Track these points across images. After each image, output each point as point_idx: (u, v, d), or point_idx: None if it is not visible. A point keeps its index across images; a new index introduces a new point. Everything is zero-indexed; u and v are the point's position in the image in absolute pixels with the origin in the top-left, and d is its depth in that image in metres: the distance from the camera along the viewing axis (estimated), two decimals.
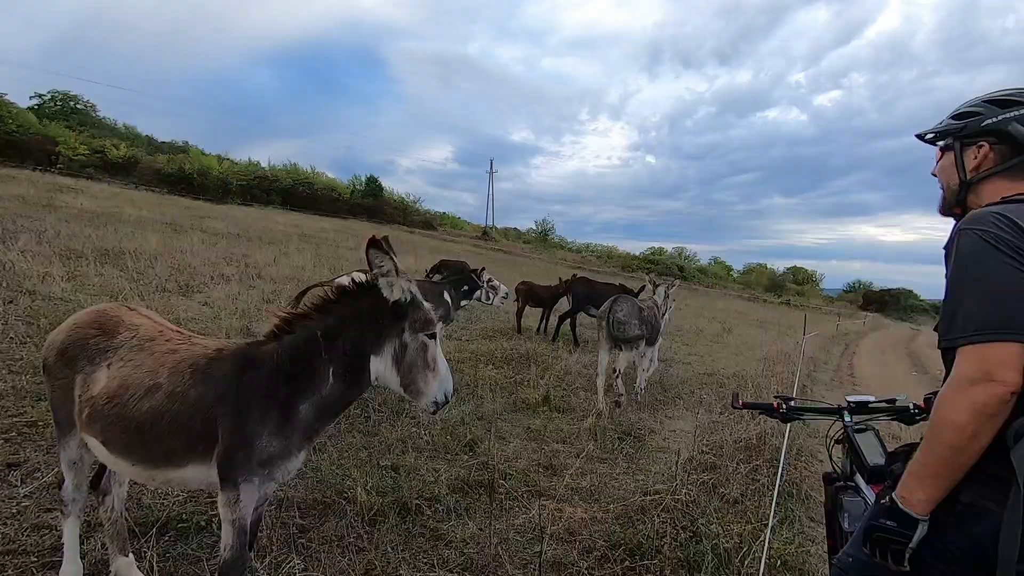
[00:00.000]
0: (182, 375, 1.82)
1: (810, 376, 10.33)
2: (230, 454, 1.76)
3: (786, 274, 77.53)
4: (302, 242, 18.73)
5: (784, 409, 2.08)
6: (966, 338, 1.16)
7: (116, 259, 9.25)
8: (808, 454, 5.26)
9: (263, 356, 1.85)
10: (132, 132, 47.84)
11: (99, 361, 1.89)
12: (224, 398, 1.79)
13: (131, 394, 1.80)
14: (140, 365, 1.86)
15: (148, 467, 1.86)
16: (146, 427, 1.79)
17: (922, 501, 1.19)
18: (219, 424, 1.78)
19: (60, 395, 1.96)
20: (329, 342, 1.83)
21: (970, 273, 1.20)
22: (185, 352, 1.90)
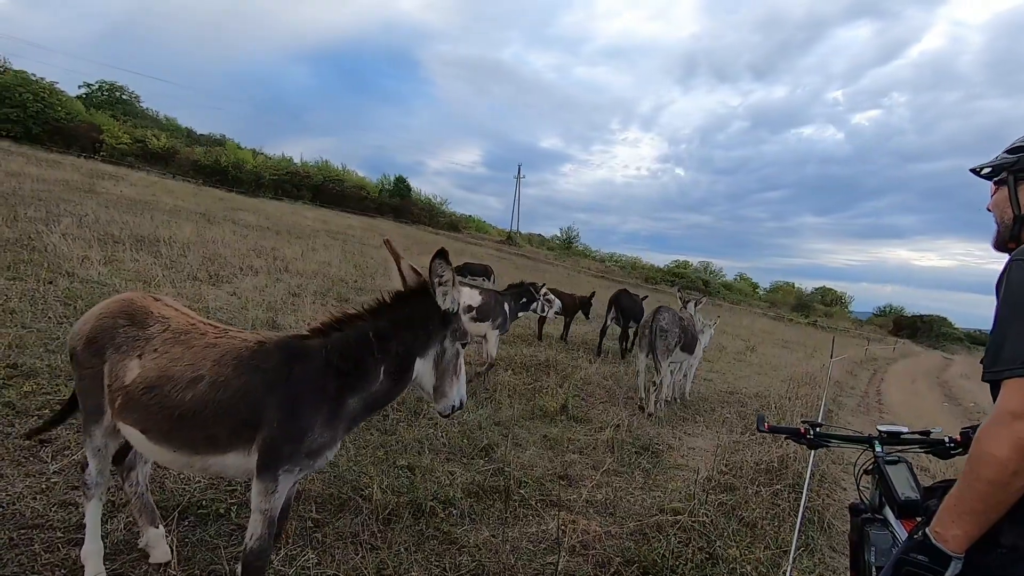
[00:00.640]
0: (225, 366, 1.87)
1: (836, 401, 10.07)
2: (277, 444, 1.81)
3: (814, 294, 75.77)
4: (329, 238, 19.01)
5: (811, 435, 2.02)
6: (1011, 371, 1.12)
7: (151, 246, 9.52)
8: (832, 481, 5.12)
9: (311, 350, 1.91)
10: (173, 123, 49.28)
11: (129, 351, 1.92)
12: (273, 388, 1.84)
13: (173, 385, 1.84)
14: (179, 358, 1.90)
15: (189, 454, 1.90)
16: (189, 416, 1.83)
17: (957, 537, 1.14)
18: (266, 413, 1.82)
19: (89, 383, 1.98)
20: (382, 342, 1.93)
21: (1019, 306, 1.17)
22: (225, 345, 1.94)
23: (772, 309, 56.14)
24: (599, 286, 22.76)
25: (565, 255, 54.78)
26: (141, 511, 2.22)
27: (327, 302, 8.78)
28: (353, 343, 1.91)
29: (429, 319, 1.98)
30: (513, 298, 6.99)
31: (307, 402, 1.85)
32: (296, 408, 1.83)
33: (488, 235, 56.34)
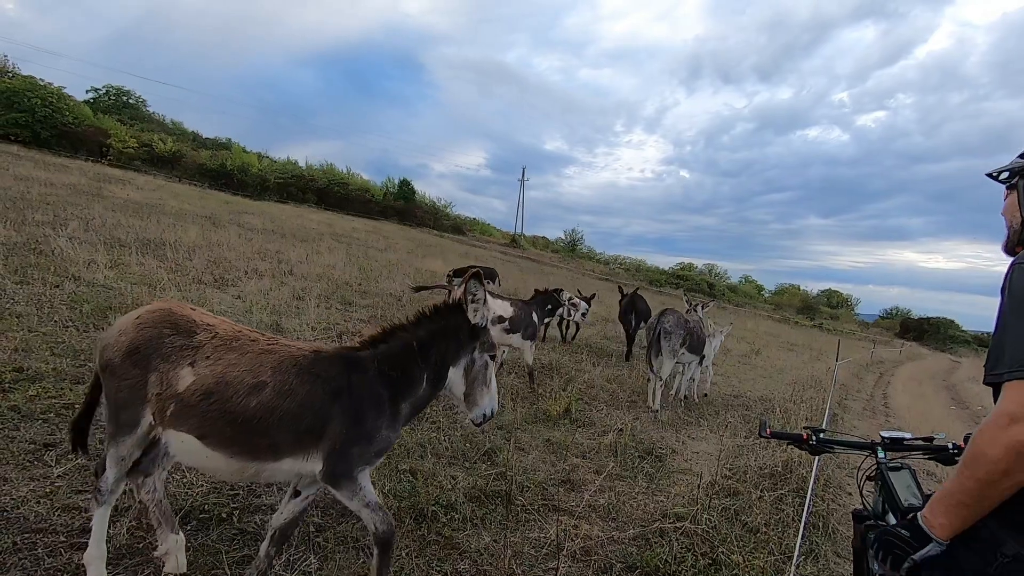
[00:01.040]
0: (287, 373, 1.96)
1: (841, 404, 10.00)
2: (347, 448, 1.96)
3: (820, 297, 75.44)
4: (334, 241, 19.07)
5: (814, 441, 2.01)
6: (1011, 373, 1.13)
7: (157, 249, 9.57)
8: (836, 486, 5.09)
9: (364, 360, 2.09)
10: (179, 127, 49.64)
11: (178, 359, 1.94)
12: (338, 396, 1.98)
13: (234, 391, 1.90)
14: (236, 363, 1.95)
15: (246, 460, 1.95)
16: (255, 421, 1.89)
17: (943, 525, 1.20)
18: (333, 421, 1.95)
19: (128, 394, 1.96)
20: (424, 352, 2.14)
21: (1021, 308, 1.17)
22: (282, 352, 2.03)
23: (777, 311, 55.88)
24: (604, 288, 22.74)
25: (569, 257, 54.78)
26: (160, 518, 2.18)
27: (331, 305, 8.80)
28: (399, 353, 2.12)
29: (460, 331, 2.19)
30: (539, 306, 7.16)
31: (369, 408, 2.02)
32: (362, 414, 2.00)
33: (492, 237, 56.40)
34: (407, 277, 14.03)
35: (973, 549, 1.20)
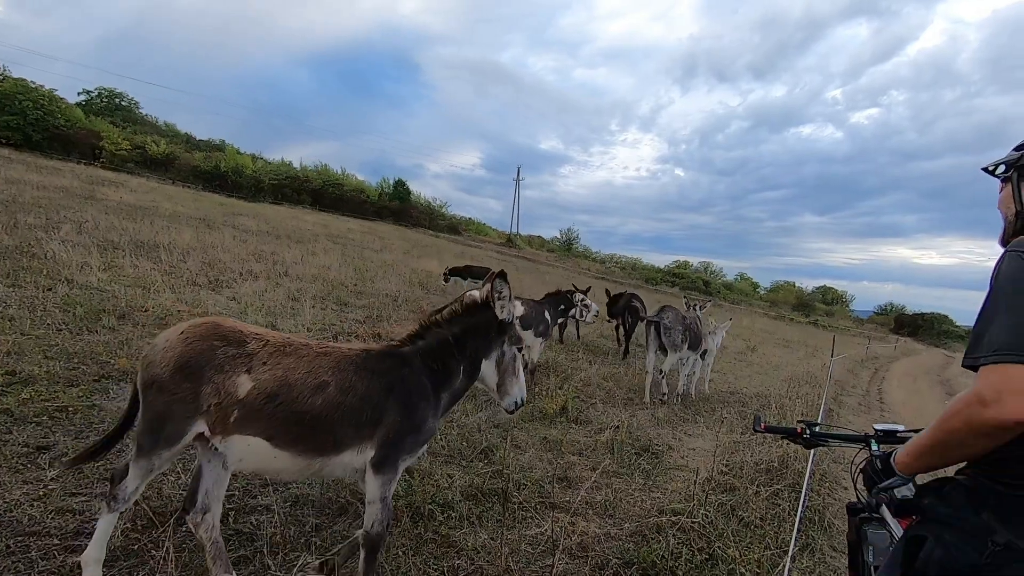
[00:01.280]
0: (346, 371, 2.10)
1: (837, 400, 10.05)
2: (400, 437, 2.12)
3: (815, 293, 75.74)
4: (329, 242, 19.03)
5: (808, 434, 2.02)
6: (987, 357, 1.15)
7: (151, 252, 9.53)
8: (832, 480, 5.11)
9: (410, 356, 2.26)
10: (172, 129, 49.46)
11: (232, 369, 2.00)
12: (392, 389, 2.14)
13: (299, 391, 2.01)
14: (295, 367, 2.06)
15: (311, 457, 2.07)
16: (320, 419, 2.02)
17: (906, 463, 1.40)
18: (388, 412, 2.11)
19: (177, 408, 1.96)
20: (459, 346, 2.32)
21: (1005, 295, 1.19)
22: (336, 353, 2.17)
23: (773, 309, 56.08)
24: (599, 287, 22.75)
25: (565, 256, 54.81)
26: (216, 557, 2.16)
27: (327, 306, 8.78)
28: (438, 348, 2.30)
29: (490, 327, 2.35)
30: (552, 306, 7.37)
31: (419, 399, 2.19)
32: (414, 405, 2.17)
33: (488, 237, 56.39)
34: (403, 278, 14.02)
35: (967, 541, 1.21)
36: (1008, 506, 1.17)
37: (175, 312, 6.22)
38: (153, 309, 6.14)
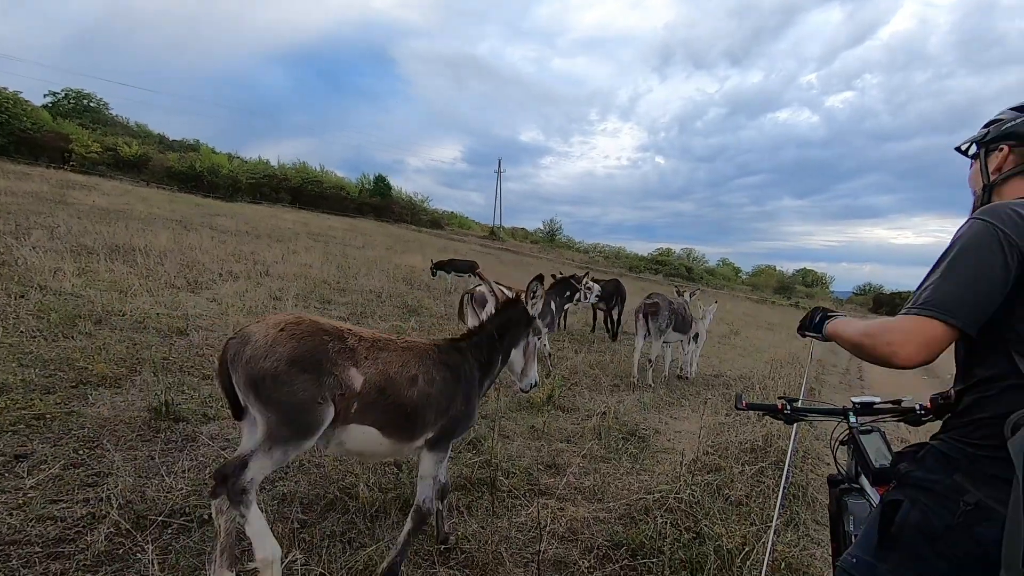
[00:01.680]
0: (427, 365, 2.36)
1: (818, 379, 10.25)
2: (457, 422, 2.45)
3: (795, 276, 76.86)
4: (310, 240, 18.82)
5: (788, 410, 2.05)
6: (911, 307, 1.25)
7: (126, 255, 9.34)
8: (815, 456, 5.21)
9: (466, 350, 2.59)
10: (144, 130, 48.32)
11: (345, 362, 2.15)
12: (459, 380, 2.44)
13: (399, 385, 2.24)
14: (391, 361, 2.27)
15: (404, 441, 2.34)
16: (415, 409, 2.28)
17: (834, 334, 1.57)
18: (455, 399, 2.40)
19: (308, 396, 2.04)
20: (500, 339, 2.67)
21: (957, 255, 1.24)
22: (416, 348, 2.42)
23: (755, 292, 56.79)
24: None
25: (549, 247, 54.90)
26: (225, 549, 2.13)
27: (310, 304, 8.70)
28: (486, 343, 2.64)
29: (522, 321, 2.73)
30: (557, 294, 7.44)
31: (474, 388, 2.52)
32: (471, 393, 2.50)
33: (472, 231, 56.19)
34: (386, 273, 13.93)
35: (938, 500, 1.25)
36: (978, 467, 1.21)
37: (154, 315, 6.12)
38: (131, 313, 6.03)
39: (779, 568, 2.85)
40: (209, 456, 3.29)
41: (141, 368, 4.53)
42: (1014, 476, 1.09)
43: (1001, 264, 1.17)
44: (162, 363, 4.75)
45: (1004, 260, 1.17)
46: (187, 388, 4.33)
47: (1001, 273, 1.18)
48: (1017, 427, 1.12)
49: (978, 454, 1.21)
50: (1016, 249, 1.17)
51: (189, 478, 2.98)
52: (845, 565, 1.44)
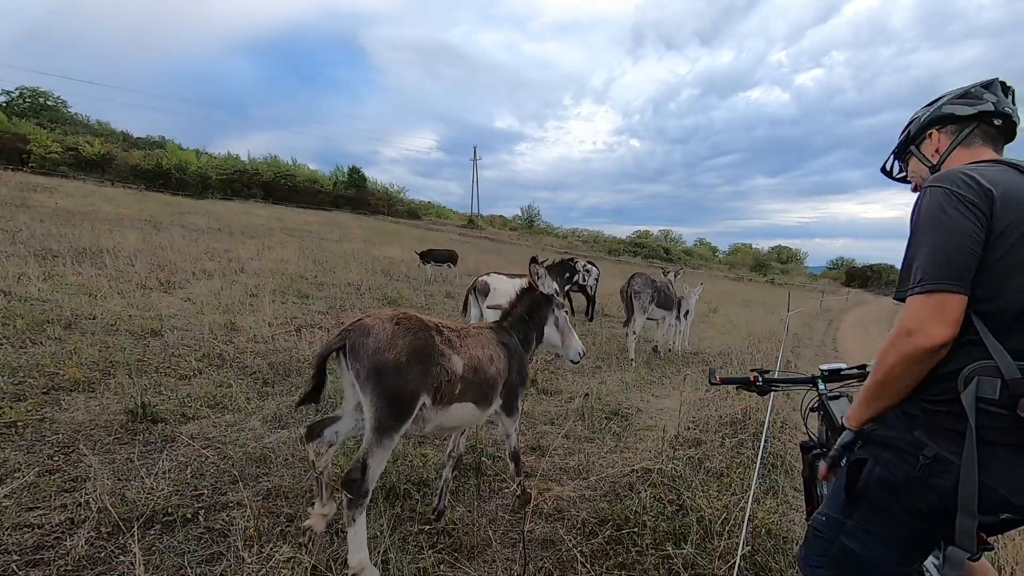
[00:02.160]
0: (494, 346, 2.80)
1: (794, 352, 10.49)
2: (517, 388, 2.93)
3: (771, 253, 78.27)
4: (285, 235, 18.52)
5: (760, 382, 2.11)
6: (912, 290, 1.26)
7: (94, 257, 9.09)
8: (792, 426, 5.35)
9: (509, 329, 3.01)
10: (106, 128, 46.75)
11: (447, 351, 2.48)
12: (513, 355, 2.89)
13: (485, 365, 2.66)
14: (474, 346, 2.67)
15: (485, 410, 2.75)
16: (493, 383, 2.73)
17: (856, 417, 1.43)
18: (511, 371, 2.85)
19: (414, 387, 2.30)
20: (530, 319, 3.13)
21: (925, 229, 1.28)
22: (484, 333, 2.86)
23: (732, 271, 57.68)
24: None
25: (528, 234, 54.89)
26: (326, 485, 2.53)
27: (287, 299, 8.59)
28: (520, 323, 3.09)
29: (542, 301, 3.16)
30: (558, 276, 7.67)
31: (523, 359, 3.00)
32: (523, 363, 2.97)
33: (449, 220, 55.87)
34: (364, 266, 13.80)
35: (899, 456, 1.30)
36: (935, 422, 1.26)
37: (126, 317, 5.98)
38: (102, 316, 5.89)
39: (760, 534, 2.94)
40: (190, 456, 3.25)
41: (115, 371, 4.44)
42: (967, 427, 1.15)
43: (971, 222, 1.21)
44: (137, 365, 4.66)
45: (969, 219, 1.21)
46: (164, 389, 4.26)
47: (971, 229, 1.21)
48: (969, 380, 1.18)
49: (935, 410, 1.27)
50: (975, 208, 1.21)
51: (171, 479, 2.94)
52: (816, 523, 1.50)
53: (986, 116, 1.43)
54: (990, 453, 1.18)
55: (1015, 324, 1.20)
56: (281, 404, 4.26)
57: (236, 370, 4.93)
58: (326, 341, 2.43)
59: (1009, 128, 1.44)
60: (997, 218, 1.21)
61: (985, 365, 1.18)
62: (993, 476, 1.18)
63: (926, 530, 1.30)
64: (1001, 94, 1.43)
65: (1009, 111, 1.42)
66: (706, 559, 2.62)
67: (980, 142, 1.44)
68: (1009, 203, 1.21)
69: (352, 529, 2.22)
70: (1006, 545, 2.90)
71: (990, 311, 1.22)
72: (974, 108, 1.43)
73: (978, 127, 1.44)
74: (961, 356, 1.23)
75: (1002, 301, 1.21)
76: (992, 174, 1.26)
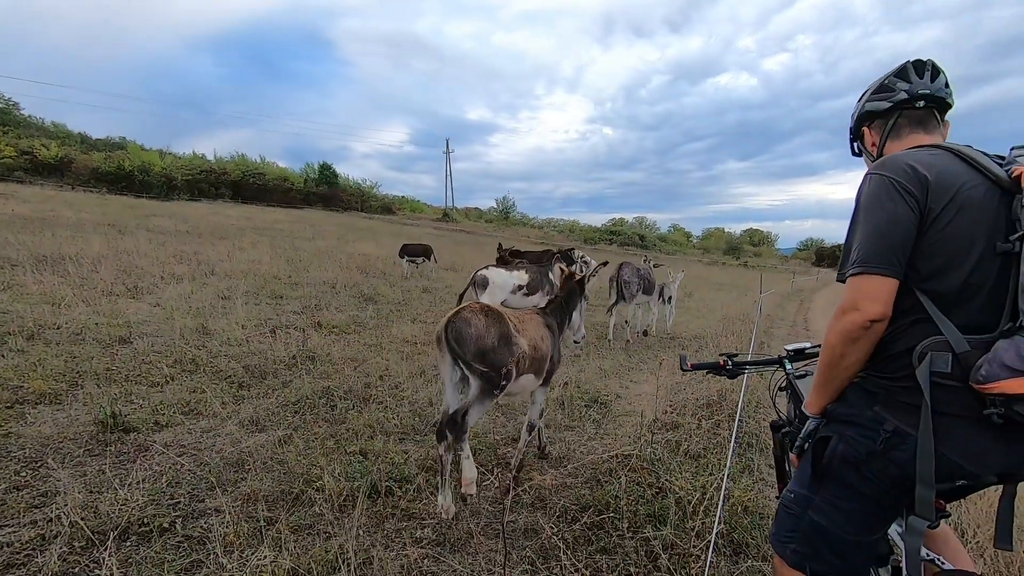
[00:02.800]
0: (543, 328, 3.43)
1: (767, 332, 10.72)
2: (554, 366, 3.48)
3: (743, 237, 79.66)
4: (256, 235, 18.16)
5: (730, 366, 2.15)
6: (848, 272, 1.32)
7: (56, 265, 8.80)
8: (767, 406, 5.48)
9: (551, 313, 3.63)
10: (62, 130, 44.99)
11: (517, 335, 3.07)
12: (555, 334, 3.52)
13: (539, 345, 3.26)
14: (531, 327, 3.29)
15: (538, 380, 3.34)
16: (545, 359, 3.33)
17: (812, 403, 1.50)
18: (552, 348, 3.43)
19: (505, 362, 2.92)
20: (567, 304, 3.76)
21: (866, 212, 1.33)
22: (535, 316, 3.50)
23: (706, 255, 58.54)
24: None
25: (504, 225, 54.79)
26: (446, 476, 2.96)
27: (261, 301, 8.44)
28: (560, 308, 3.71)
29: (577, 289, 3.83)
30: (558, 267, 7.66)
31: (558, 341, 3.55)
32: (557, 343, 3.53)
33: (424, 214, 55.41)
34: (339, 264, 13.63)
35: (861, 431, 1.35)
36: (893, 398, 1.31)
37: (92, 326, 5.82)
38: (67, 325, 5.71)
39: (737, 512, 3.02)
40: (165, 464, 3.19)
41: (83, 381, 4.32)
42: (923, 401, 1.20)
43: (904, 210, 1.27)
44: (105, 374, 4.54)
45: (906, 206, 1.27)
46: (135, 397, 4.17)
47: (907, 217, 1.27)
48: (922, 356, 1.23)
49: (893, 386, 1.32)
50: (911, 195, 1.27)
51: (145, 488, 2.88)
52: (785, 500, 1.55)
53: (904, 104, 1.48)
54: (945, 424, 1.24)
55: (959, 299, 1.26)
56: (258, 407, 4.20)
57: (210, 375, 4.85)
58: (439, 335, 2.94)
59: (937, 101, 1.48)
60: (932, 202, 1.26)
61: (936, 341, 1.24)
62: (948, 446, 1.24)
63: (889, 501, 1.35)
64: (915, 76, 1.47)
65: (926, 92, 1.45)
66: (684, 540, 2.68)
67: (909, 130, 1.50)
68: (942, 187, 1.27)
69: (464, 455, 2.89)
70: (968, 510, 3.03)
71: (936, 289, 1.27)
72: (889, 102, 1.49)
73: (901, 116, 1.50)
74: (913, 333, 1.28)
75: (944, 279, 1.27)
76: (928, 159, 1.31)
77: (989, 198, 1.26)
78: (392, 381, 5.14)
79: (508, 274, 7.30)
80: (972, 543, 2.74)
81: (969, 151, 1.33)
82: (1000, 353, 1.15)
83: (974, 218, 1.25)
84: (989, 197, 1.27)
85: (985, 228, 1.25)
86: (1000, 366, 1.14)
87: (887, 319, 1.28)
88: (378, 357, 5.94)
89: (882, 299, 1.26)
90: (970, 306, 1.26)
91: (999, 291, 1.25)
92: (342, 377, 5.08)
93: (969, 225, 1.25)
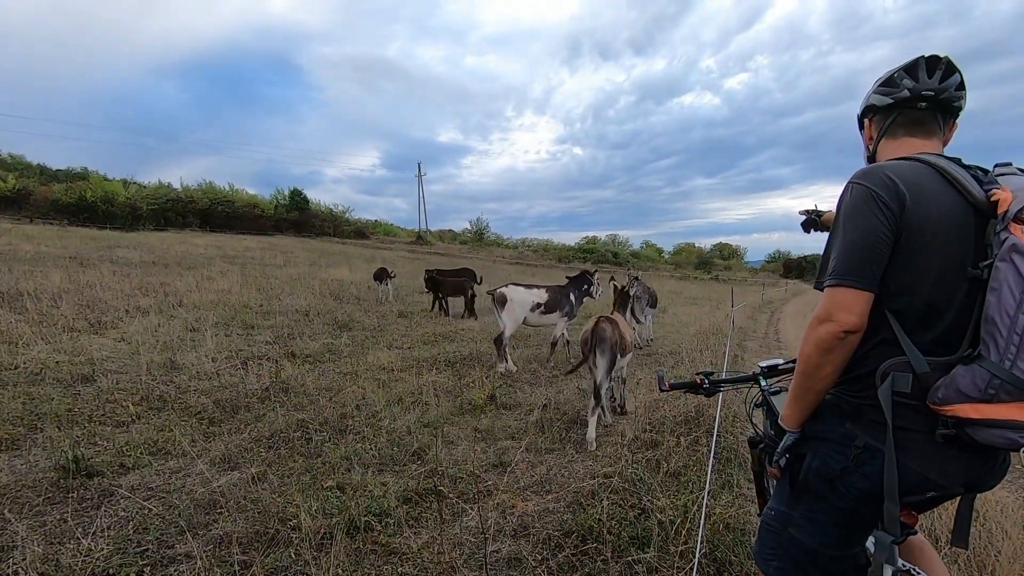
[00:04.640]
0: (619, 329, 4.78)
1: (741, 345, 10.89)
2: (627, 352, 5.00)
3: (713, 251, 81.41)
4: (226, 264, 17.81)
5: (707, 384, 2.18)
6: (825, 282, 1.34)
7: (12, 301, 8.47)
8: (745, 420, 5.54)
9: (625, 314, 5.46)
10: (20, 162, 43.82)
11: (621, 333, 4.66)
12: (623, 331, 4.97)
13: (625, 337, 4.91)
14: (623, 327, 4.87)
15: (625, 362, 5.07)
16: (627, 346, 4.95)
17: (789, 417, 1.47)
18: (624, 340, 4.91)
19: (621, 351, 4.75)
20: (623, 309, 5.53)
21: (845, 222, 1.34)
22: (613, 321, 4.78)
23: (678, 270, 59.51)
24: (515, 272, 22.89)
25: (478, 247, 54.91)
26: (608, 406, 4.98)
27: (231, 331, 8.25)
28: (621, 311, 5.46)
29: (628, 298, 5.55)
30: (576, 288, 8.20)
31: None
32: None
33: (398, 237, 55.22)
34: (312, 291, 13.43)
35: (834, 448, 1.38)
36: (862, 415, 1.35)
37: (52, 364, 5.59)
38: (24, 365, 5.48)
39: (719, 529, 3.02)
40: (131, 509, 3.06)
41: (42, 424, 4.14)
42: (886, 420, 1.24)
43: (883, 224, 1.27)
44: (67, 415, 4.35)
45: (884, 219, 1.27)
46: (99, 439, 4.00)
47: (884, 231, 1.27)
48: (885, 376, 1.27)
49: (862, 404, 1.36)
50: (889, 209, 1.27)
51: (110, 536, 2.76)
52: (766, 518, 1.57)
53: (905, 103, 1.43)
54: (911, 439, 1.27)
55: (923, 320, 1.29)
56: (230, 444, 4.07)
57: (178, 411, 4.69)
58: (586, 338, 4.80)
59: (943, 103, 1.41)
60: (907, 220, 1.26)
61: (898, 361, 1.27)
62: (915, 460, 1.27)
63: (863, 514, 1.38)
64: (924, 74, 1.39)
65: (929, 92, 1.39)
66: (668, 562, 2.67)
67: (904, 131, 1.46)
68: (918, 204, 1.26)
69: (592, 416, 4.56)
70: (940, 516, 3.10)
71: (901, 308, 1.29)
72: (891, 98, 1.45)
73: (900, 115, 1.45)
74: (878, 354, 1.32)
75: (911, 298, 1.28)
76: (909, 174, 1.30)
77: (963, 220, 1.25)
78: (369, 410, 5.05)
79: (527, 292, 7.71)
80: (946, 550, 2.80)
81: (950, 168, 1.30)
82: (957, 379, 1.19)
83: (946, 239, 1.25)
84: (964, 219, 1.25)
85: (956, 251, 1.25)
86: (956, 391, 1.18)
87: (862, 331, 1.28)
88: (354, 386, 5.84)
89: (857, 311, 1.27)
90: (936, 327, 1.28)
91: (965, 313, 1.26)
92: (317, 408, 4.98)
93: (940, 247, 1.25)
